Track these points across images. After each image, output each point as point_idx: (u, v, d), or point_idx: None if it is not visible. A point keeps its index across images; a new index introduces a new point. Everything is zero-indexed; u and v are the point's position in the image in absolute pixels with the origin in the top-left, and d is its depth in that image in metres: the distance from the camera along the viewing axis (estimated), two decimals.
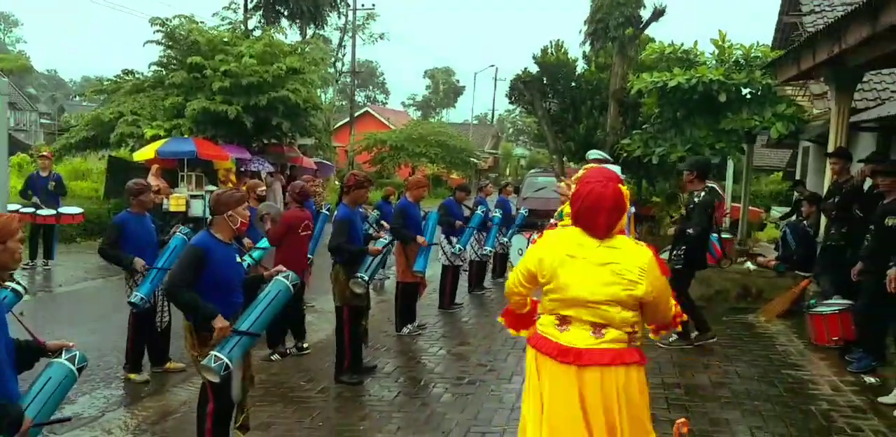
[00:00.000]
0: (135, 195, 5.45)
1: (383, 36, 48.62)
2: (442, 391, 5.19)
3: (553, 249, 2.76)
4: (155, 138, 14.83)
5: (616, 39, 12.23)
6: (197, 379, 4.62)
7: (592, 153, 6.30)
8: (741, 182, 13.03)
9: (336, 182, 22.80)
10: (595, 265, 2.66)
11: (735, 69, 9.42)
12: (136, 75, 17.57)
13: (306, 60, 17.32)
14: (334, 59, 32.79)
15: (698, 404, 4.84)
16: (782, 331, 6.98)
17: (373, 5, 32.04)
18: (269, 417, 4.60)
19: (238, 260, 3.88)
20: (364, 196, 5.57)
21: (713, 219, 6.66)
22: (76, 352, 2.83)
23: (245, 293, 3.88)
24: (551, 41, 14.66)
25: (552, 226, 5.44)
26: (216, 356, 3.46)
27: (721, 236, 7.98)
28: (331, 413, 4.73)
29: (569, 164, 14.04)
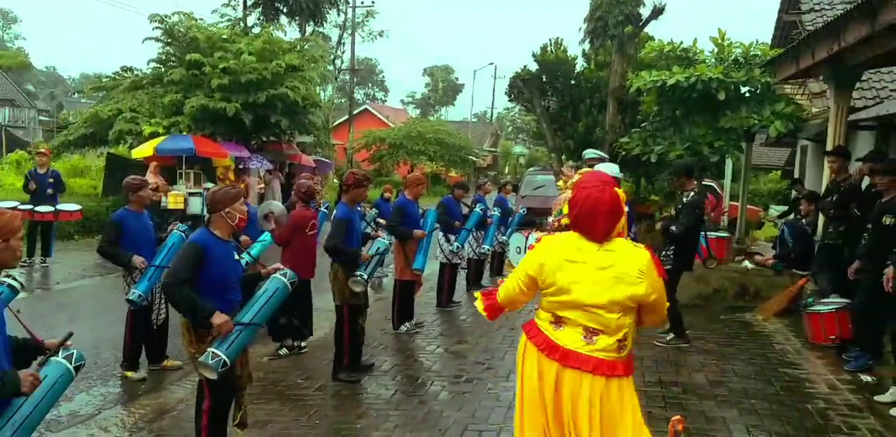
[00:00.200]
0: (134, 191, 5.44)
1: (383, 33, 48.61)
2: (439, 390, 5.20)
3: (552, 254, 2.76)
4: (153, 136, 14.81)
5: (615, 37, 12.22)
6: (194, 377, 4.63)
7: (589, 152, 6.30)
8: (740, 181, 13.03)
9: (335, 180, 22.81)
10: (595, 269, 2.67)
11: (734, 67, 9.41)
12: (135, 72, 17.56)
13: (305, 58, 17.31)
14: (333, 56, 32.74)
15: (695, 402, 4.85)
16: (779, 330, 6.99)
17: (372, 2, 32.01)
18: (267, 415, 4.60)
19: (236, 257, 3.88)
20: (363, 195, 5.56)
21: (702, 219, 6.68)
22: (74, 351, 2.82)
23: (243, 291, 3.88)
24: (551, 39, 14.65)
25: (552, 224, 5.45)
26: (214, 353, 3.46)
27: (708, 236, 7.97)
28: (328, 411, 4.74)
29: (567, 162, 14.04)
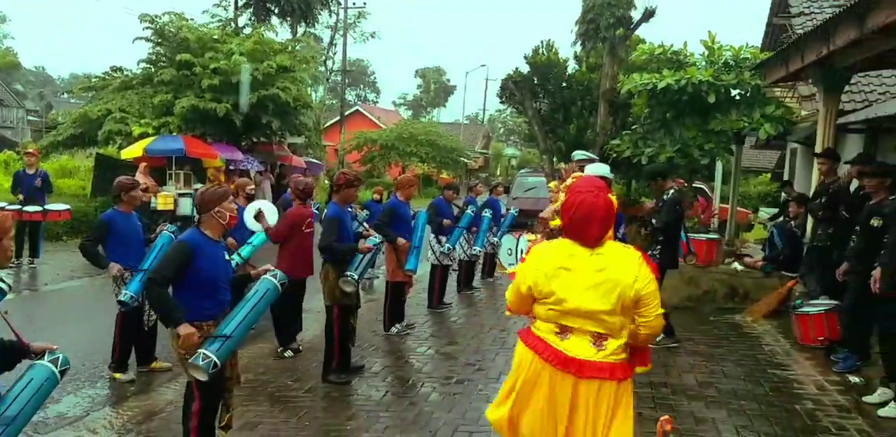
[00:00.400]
0: (126, 191, 5.41)
1: (374, 35, 48.51)
2: (430, 391, 5.19)
3: (545, 263, 2.73)
4: (143, 136, 14.75)
5: (607, 40, 12.25)
6: (183, 378, 4.60)
7: (578, 154, 6.32)
8: (730, 183, 13.08)
9: (326, 181, 22.75)
10: (591, 274, 2.66)
11: (724, 70, 9.45)
12: (125, 72, 17.48)
13: (297, 58, 17.30)
14: (325, 57, 32.70)
15: (684, 403, 4.86)
16: (769, 331, 7.03)
17: (364, 4, 32.00)
18: (256, 416, 4.58)
19: (226, 258, 3.86)
20: (354, 195, 5.57)
21: (682, 216, 6.75)
22: (60, 354, 2.80)
23: (233, 292, 3.87)
24: (542, 41, 14.70)
25: (543, 223, 5.44)
26: (204, 354, 3.44)
27: (688, 233, 8.01)
28: (318, 413, 4.72)
29: (559, 164, 14.07)
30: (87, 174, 18.08)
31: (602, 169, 5.69)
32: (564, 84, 14.41)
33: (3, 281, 3.69)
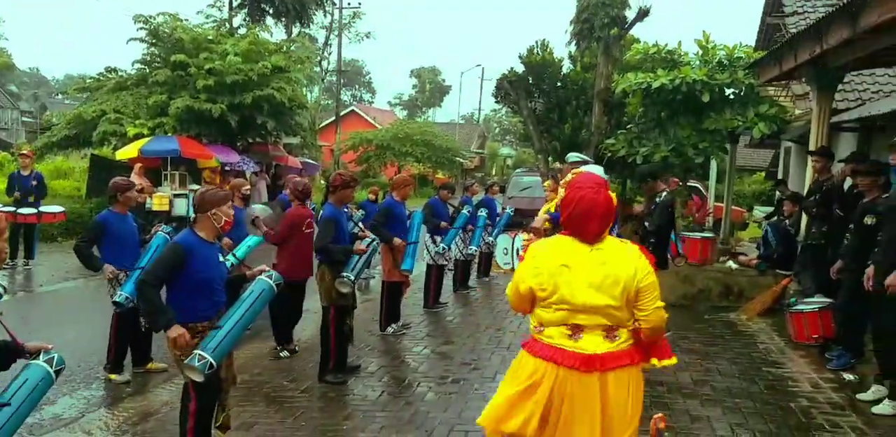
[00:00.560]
0: (122, 191, 5.40)
1: (369, 35, 48.45)
2: (426, 391, 5.19)
3: (546, 261, 2.72)
4: (138, 137, 14.71)
5: (601, 40, 12.28)
6: (178, 379, 4.59)
7: (572, 156, 6.33)
8: (724, 182, 13.12)
9: (321, 181, 22.73)
10: (593, 269, 2.67)
11: (718, 70, 9.47)
12: (120, 73, 17.43)
13: (292, 59, 17.27)
14: (320, 57, 32.69)
15: (679, 401, 4.88)
16: (763, 329, 7.05)
17: (359, 4, 31.95)
18: (252, 417, 4.58)
19: (221, 259, 3.86)
20: (350, 196, 5.57)
21: (674, 218, 6.77)
22: (55, 354, 2.80)
23: (228, 292, 3.87)
24: (537, 41, 14.67)
25: (536, 233, 5.46)
26: (200, 355, 3.44)
27: (680, 235, 8.03)
28: (314, 413, 4.72)
29: (555, 164, 14.07)
30: (82, 175, 18.04)
31: (596, 171, 5.71)
32: (559, 84, 14.41)
33: None
